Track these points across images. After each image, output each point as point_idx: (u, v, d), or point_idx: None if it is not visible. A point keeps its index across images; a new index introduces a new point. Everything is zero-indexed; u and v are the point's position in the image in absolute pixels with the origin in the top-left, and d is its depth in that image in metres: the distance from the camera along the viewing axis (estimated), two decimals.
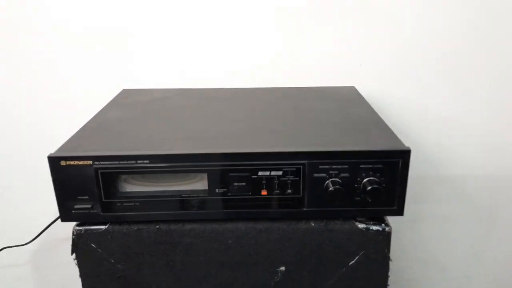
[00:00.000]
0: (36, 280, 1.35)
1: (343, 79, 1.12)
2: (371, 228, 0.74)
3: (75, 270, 0.77)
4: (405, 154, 0.69)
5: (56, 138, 0.78)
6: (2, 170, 1.20)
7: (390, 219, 0.75)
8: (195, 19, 1.08)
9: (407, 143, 0.72)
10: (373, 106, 0.92)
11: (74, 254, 0.76)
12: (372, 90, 1.14)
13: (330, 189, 0.69)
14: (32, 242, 1.12)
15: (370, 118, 0.85)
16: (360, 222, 0.74)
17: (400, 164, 0.70)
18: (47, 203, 1.12)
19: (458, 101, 1.15)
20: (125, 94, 1.04)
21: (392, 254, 0.75)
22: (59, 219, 0.73)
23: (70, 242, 0.74)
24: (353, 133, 0.77)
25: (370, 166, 0.70)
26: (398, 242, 1.28)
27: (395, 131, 0.77)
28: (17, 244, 1.16)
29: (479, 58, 1.11)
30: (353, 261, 0.76)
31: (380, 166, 0.70)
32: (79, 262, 0.77)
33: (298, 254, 0.76)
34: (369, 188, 0.69)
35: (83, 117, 0.87)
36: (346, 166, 0.70)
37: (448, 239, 1.31)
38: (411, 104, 1.15)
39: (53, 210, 0.73)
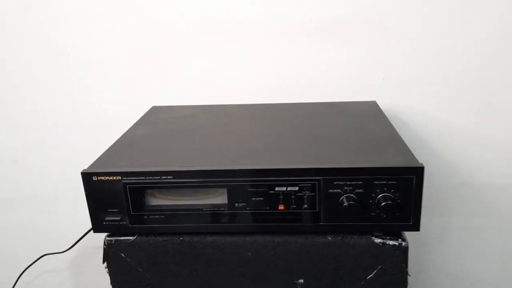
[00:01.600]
0: (74, 285, 1.43)
1: (364, 93, 1.14)
2: (387, 243, 0.75)
3: (107, 277, 0.82)
4: (418, 171, 0.71)
5: (90, 153, 0.84)
6: (45, 182, 1.28)
7: (419, 233, 0.76)
8: (222, 37, 1.13)
9: (430, 156, 0.73)
10: (395, 120, 0.93)
11: (105, 263, 0.82)
12: (394, 104, 1.15)
13: (345, 204, 0.71)
14: (70, 250, 1.20)
15: (387, 133, 0.86)
16: (377, 237, 0.76)
17: (414, 181, 0.71)
18: (84, 213, 1.21)
19: (481, 114, 1.14)
20: (155, 111, 1.10)
21: (420, 268, 0.76)
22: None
23: (102, 251, 0.80)
24: (368, 149, 0.79)
25: (384, 182, 0.72)
26: (426, 256, 1.27)
27: (418, 144, 0.78)
28: (56, 252, 1.24)
29: (501, 71, 1.10)
30: (371, 275, 0.78)
31: (394, 182, 0.72)
32: (110, 270, 0.82)
33: (315, 267, 0.78)
34: (383, 204, 0.71)
35: (115, 134, 0.93)
36: (361, 182, 0.72)
37: (478, 253, 1.29)
38: (434, 117, 1.15)
39: (89, 219, 0.79)
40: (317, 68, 1.14)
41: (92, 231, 0.79)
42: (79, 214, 1.28)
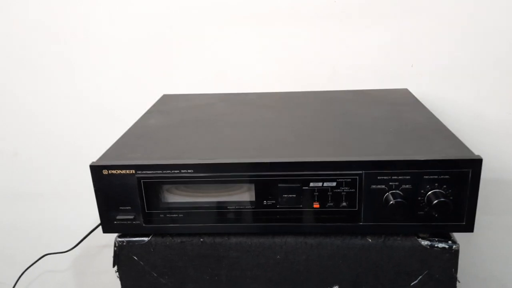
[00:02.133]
0: (77, 286, 1.35)
1: (393, 81, 1.05)
2: (436, 245, 0.67)
3: (114, 277, 0.74)
4: (476, 164, 0.62)
5: (98, 145, 0.75)
6: (46, 177, 1.20)
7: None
8: (238, 20, 1.04)
9: None
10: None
11: (115, 267, 0.73)
12: (424, 93, 1.06)
13: (391, 202, 0.62)
14: (73, 250, 1.11)
15: (430, 123, 0.78)
16: (423, 238, 0.67)
17: (470, 175, 0.62)
18: (88, 210, 1.12)
19: None
20: (166, 100, 1.01)
21: (466, 272, 0.67)
22: (99, 228, 0.70)
23: (110, 250, 0.71)
24: (414, 140, 0.70)
25: (436, 177, 0.63)
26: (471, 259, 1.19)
27: None
28: (58, 251, 1.15)
29: None
30: (415, 281, 0.69)
31: (447, 177, 0.63)
32: (120, 275, 0.74)
33: (353, 272, 0.70)
34: (435, 202, 0.62)
35: (124, 124, 0.84)
36: (408, 177, 0.63)
37: (509, 254, 1.21)
38: (467, 107, 1.06)
39: (93, 216, 0.70)
40: (342, 53, 1.05)
41: (96, 229, 0.71)
42: (83, 211, 1.20)
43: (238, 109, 0.92)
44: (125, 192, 0.67)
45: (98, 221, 0.70)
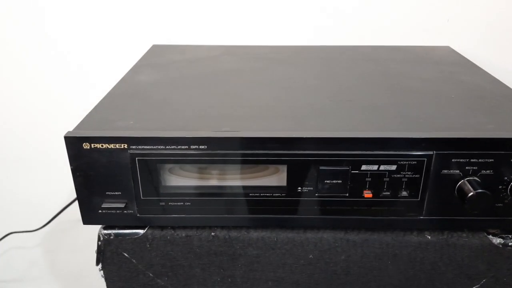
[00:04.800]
0: (49, 264, 1.18)
1: (425, 36, 0.89)
2: (510, 243, 0.53)
3: (85, 256, 0.58)
4: None
5: (75, 106, 0.57)
6: (16, 143, 0.99)
7: None
8: None
9: None
10: None
11: (100, 265, 0.57)
12: (463, 52, 0.90)
13: (472, 193, 0.48)
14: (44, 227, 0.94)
15: (499, 90, 0.62)
16: (495, 235, 0.54)
17: None
18: (61, 183, 0.94)
19: None
20: (157, 51, 0.82)
21: None
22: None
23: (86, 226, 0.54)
24: (490, 112, 0.55)
25: None
26: None
27: None
28: (25, 230, 0.98)
29: None
30: (477, 286, 0.56)
31: None
32: (106, 275, 0.58)
33: (402, 276, 0.56)
34: None
35: (108, 82, 0.65)
36: (491, 160, 0.48)
37: None
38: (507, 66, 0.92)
39: (67, 190, 0.53)
40: (370, 3, 0.87)
41: (68, 207, 0.54)
42: (55, 183, 1.01)
43: (249, 65, 0.74)
44: (114, 173, 0.50)
45: (72, 195, 0.53)
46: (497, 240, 0.53)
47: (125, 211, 0.52)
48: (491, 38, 0.89)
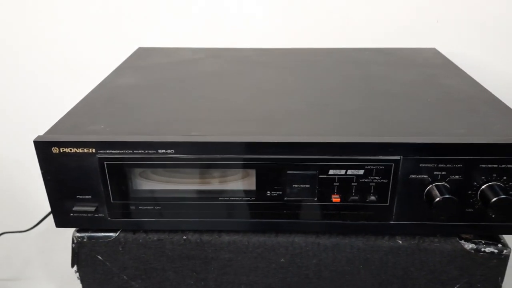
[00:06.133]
0: (43, 264, 1.20)
1: (417, 38, 0.88)
2: (482, 249, 0.53)
3: None
4: None
5: (56, 112, 0.58)
6: (6, 144, 1.01)
7: None
8: None
9: None
10: None
11: (75, 267, 0.57)
12: (451, 53, 0.89)
13: (438, 199, 0.47)
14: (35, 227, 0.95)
15: (477, 92, 0.62)
16: (467, 240, 0.53)
17: None
18: None
19: None
20: (142, 54, 0.82)
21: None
22: None
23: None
24: (463, 116, 0.55)
25: (496, 166, 0.48)
26: None
27: None
28: (18, 230, 0.99)
29: None
30: None
31: (509, 166, 0.48)
32: (82, 277, 0.58)
33: (375, 280, 0.56)
34: (494, 199, 0.47)
35: (90, 85, 0.66)
36: (460, 165, 0.48)
37: None
38: (497, 69, 0.91)
39: None
40: (357, 5, 0.87)
41: None
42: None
43: (232, 68, 0.74)
44: (83, 177, 0.51)
45: None
46: (469, 246, 0.53)
47: (96, 215, 0.53)
48: (480, 39, 0.88)
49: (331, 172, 0.49)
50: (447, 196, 0.47)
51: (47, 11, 0.88)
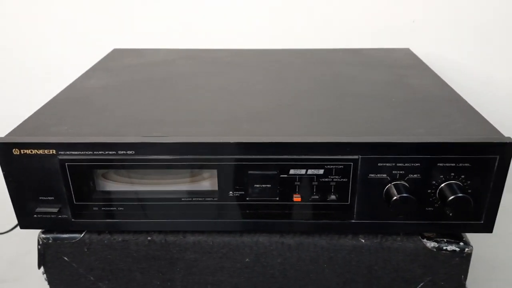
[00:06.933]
0: (28, 265, 1.19)
1: (392, 39, 0.89)
2: (444, 247, 0.53)
3: None
4: (505, 149, 0.48)
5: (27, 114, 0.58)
6: None
7: None
8: None
9: None
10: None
11: (42, 268, 0.58)
12: (428, 54, 0.90)
13: (395, 197, 0.48)
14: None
15: (442, 92, 0.62)
16: (429, 239, 0.54)
17: (496, 163, 0.48)
18: None
19: None
20: (116, 55, 0.82)
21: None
22: None
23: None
24: (424, 115, 0.55)
25: (453, 165, 0.48)
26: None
27: None
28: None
29: None
30: None
31: (467, 165, 0.48)
32: (49, 278, 0.58)
33: (339, 279, 0.56)
34: (451, 197, 0.48)
35: (60, 86, 0.66)
36: (418, 165, 0.49)
37: None
38: (474, 70, 0.91)
39: None
40: (332, 5, 0.87)
41: None
42: None
43: (202, 69, 0.74)
44: (45, 178, 0.51)
45: None
46: (431, 244, 0.53)
47: (59, 216, 0.53)
48: (455, 40, 0.89)
49: (291, 172, 0.50)
50: (404, 195, 0.48)
51: (24, 12, 0.88)
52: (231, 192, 0.51)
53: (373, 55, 0.80)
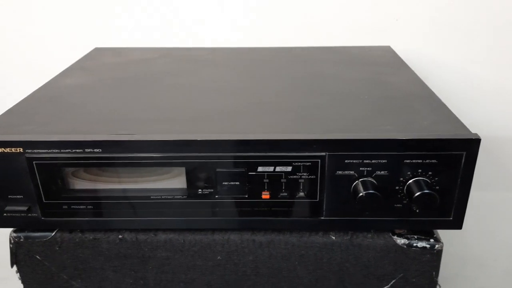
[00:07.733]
0: None
1: (374, 37, 0.89)
2: (414, 244, 0.53)
3: None
4: (472, 146, 0.48)
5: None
6: None
7: None
8: None
9: None
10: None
11: (15, 267, 0.57)
12: (409, 51, 0.90)
13: (361, 194, 0.48)
14: None
15: (416, 89, 0.62)
16: (400, 235, 0.54)
17: (463, 159, 0.48)
18: None
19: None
20: (96, 54, 0.82)
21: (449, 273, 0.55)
22: None
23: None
24: (395, 112, 0.55)
25: (420, 161, 0.48)
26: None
27: None
28: None
29: None
30: (387, 286, 0.56)
31: (434, 161, 0.48)
32: (22, 277, 0.58)
33: (311, 276, 0.56)
34: (417, 194, 0.48)
35: (37, 85, 0.66)
36: (385, 161, 0.49)
37: (491, 232, 1.10)
38: (456, 69, 0.91)
39: None
40: (315, 3, 0.87)
41: None
42: None
43: (179, 67, 0.74)
44: (14, 176, 0.51)
45: None
46: (401, 241, 0.53)
47: (29, 214, 0.53)
48: (436, 37, 0.89)
49: (260, 169, 0.50)
50: (370, 191, 0.48)
51: (5, 10, 0.88)
52: (200, 190, 0.51)
53: (352, 52, 0.80)
